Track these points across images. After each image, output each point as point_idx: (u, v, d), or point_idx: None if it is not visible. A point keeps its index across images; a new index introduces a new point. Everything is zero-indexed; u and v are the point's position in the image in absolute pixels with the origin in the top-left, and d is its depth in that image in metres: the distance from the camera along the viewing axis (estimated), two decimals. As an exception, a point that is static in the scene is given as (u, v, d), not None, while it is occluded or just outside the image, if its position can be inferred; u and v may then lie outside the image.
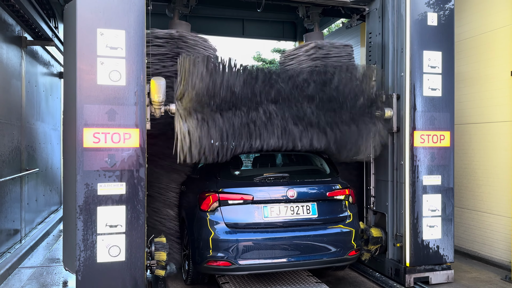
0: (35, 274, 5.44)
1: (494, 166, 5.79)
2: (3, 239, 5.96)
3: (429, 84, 4.86)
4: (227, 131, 4.36)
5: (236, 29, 8.54)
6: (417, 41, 4.83)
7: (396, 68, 5.07)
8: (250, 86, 4.52)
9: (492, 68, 5.81)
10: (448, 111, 4.93)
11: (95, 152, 3.92)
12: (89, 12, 3.91)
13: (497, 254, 5.71)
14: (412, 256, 4.83)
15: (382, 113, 4.99)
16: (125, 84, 3.98)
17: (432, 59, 4.87)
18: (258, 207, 4.44)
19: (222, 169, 4.70)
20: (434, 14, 4.88)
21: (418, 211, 4.83)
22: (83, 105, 3.90)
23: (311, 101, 4.75)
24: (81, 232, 3.90)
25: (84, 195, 3.90)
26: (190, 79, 4.22)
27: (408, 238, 4.83)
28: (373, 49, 5.50)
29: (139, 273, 4.02)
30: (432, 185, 4.88)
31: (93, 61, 3.92)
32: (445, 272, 4.97)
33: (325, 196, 4.66)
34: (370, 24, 5.57)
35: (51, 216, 8.96)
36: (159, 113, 4.28)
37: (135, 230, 4.01)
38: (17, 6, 6.01)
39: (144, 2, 4.03)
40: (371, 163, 5.46)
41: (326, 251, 4.47)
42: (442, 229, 4.92)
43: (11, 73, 6.39)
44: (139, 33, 4.04)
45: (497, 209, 5.73)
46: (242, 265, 4.25)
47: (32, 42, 7.44)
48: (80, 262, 3.89)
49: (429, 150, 4.86)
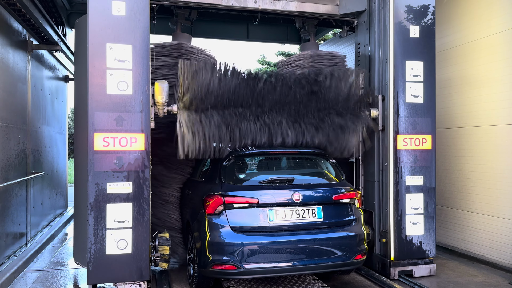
0: (40, 278, 5.56)
1: (501, 169, 5.87)
2: (9, 243, 6.11)
3: (411, 92, 5.42)
4: (221, 130, 4.94)
5: (240, 33, 8.76)
6: (400, 52, 5.39)
7: (381, 76, 5.64)
8: (246, 88, 5.12)
9: (495, 72, 5.98)
10: (430, 116, 5.48)
11: (105, 154, 4.49)
12: (99, 29, 4.49)
13: (505, 258, 5.77)
14: (396, 251, 5.37)
15: (369, 113, 5.56)
16: (132, 93, 4.56)
17: (415, 69, 5.43)
18: (264, 210, 4.52)
19: (227, 173, 4.82)
20: (416, 27, 5.45)
21: (402, 209, 5.38)
22: (94, 112, 4.47)
23: (301, 101, 5.35)
24: (92, 227, 4.46)
25: (95, 194, 4.46)
26: (189, 82, 4.84)
27: (392, 234, 5.37)
28: (361, 59, 6.07)
29: (144, 264, 4.58)
30: (414, 185, 5.43)
31: (103, 72, 4.49)
32: (428, 266, 5.50)
33: (331, 199, 4.74)
34: (358, 36, 6.15)
35: (57, 220, 9.18)
36: (162, 113, 4.86)
37: (141, 225, 4.57)
38: (23, 10, 6.21)
39: (148, 20, 4.62)
40: (360, 164, 6.02)
41: (332, 255, 4.53)
42: (424, 226, 5.46)
43: (17, 77, 6.60)
44: (144, 47, 4.62)
45: (505, 213, 5.81)
46: (247, 269, 4.32)
47: (38, 46, 7.72)
48: (91, 254, 4.46)
49: (411, 153, 5.42)
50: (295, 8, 5.84)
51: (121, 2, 4.52)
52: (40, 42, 7.84)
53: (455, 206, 6.70)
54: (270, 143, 5.17)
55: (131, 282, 4.56)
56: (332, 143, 5.37)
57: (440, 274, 5.55)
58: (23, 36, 7.03)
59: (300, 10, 5.88)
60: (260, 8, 5.69)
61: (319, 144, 5.35)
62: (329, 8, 5.97)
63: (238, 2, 5.61)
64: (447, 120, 6.81)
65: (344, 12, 6.00)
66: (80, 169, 4.99)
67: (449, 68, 6.75)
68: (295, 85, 5.31)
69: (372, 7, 5.80)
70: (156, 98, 4.74)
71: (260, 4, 5.68)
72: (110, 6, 4.50)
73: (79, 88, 5.12)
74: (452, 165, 6.72)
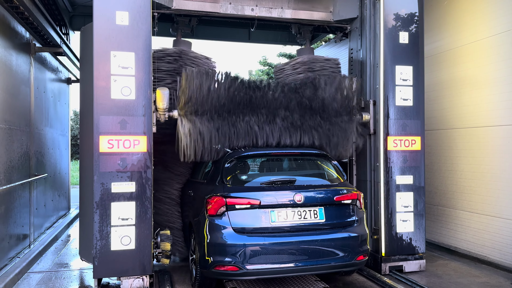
0: (43, 279, 5.62)
1: (503, 170, 5.94)
2: (12, 244, 6.17)
3: (401, 95, 5.76)
4: (219, 133, 5.30)
5: (242, 35, 8.87)
6: (390, 57, 5.73)
7: (373, 81, 5.98)
8: (243, 95, 5.50)
9: (496, 72, 6.08)
10: (419, 119, 5.82)
11: (110, 156, 4.82)
12: (104, 38, 4.83)
13: (507, 258, 5.83)
14: (387, 247, 5.70)
15: (361, 117, 5.91)
16: (135, 98, 4.90)
17: (404, 73, 5.77)
18: (265, 211, 4.58)
19: (229, 174, 4.91)
20: (406, 33, 5.79)
21: (392, 207, 5.71)
22: (99, 116, 4.81)
23: (297, 106, 5.72)
24: (97, 224, 4.79)
25: (100, 193, 4.80)
26: (188, 90, 5.18)
27: (383, 231, 5.70)
28: (354, 63, 6.42)
29: (147, 259, 4.91)
30: (404, 184, 5.76)
31: (108, 79, 4.83)
32: (417, 262, 5.83)
33: (333, 200, 4.79)
34: (351, 41, 6.50)
35: (60, 221, 9.26)
36: (163, 118, 5.20)
37: (143, 222, 4.91)
38: (26, 13, 6.29)
39: (150, 28, 4.96)
40: (353, 165, 6.36)
41: (334, 256, 4.59)
42: (414, 223, 5.78)
43: (20, 80, 6.66)
44: (146, 55, 4.95)
45: (507, 213, 5.87)
46: (249, 270, 4.37)
47: (41, 48, 7.78)
48: (97, 249, 4.79)
49: (401, 153, 5.75)
50: (291, 16, 6.19)
51: (124, 12, 4.86)
52: (43, 45, 7.98)
53: (456, 206, 6.81)
54: (268, 144, 5.49)
55: (134, 276, 4.89)
56: (323, 147, 5.73)
57: (443, 275, 5.66)
58: (26, 39, 7.13)
59: (295, 17, 6.23)
60: (257, 15, 6.04)
61: (315, 145, 5.70)
62: (323, 15, 6.32)
63: (236, 10, 5.95)
64: (448, 121, 6.95)
65: (338, 19, 6.35)
66: (85, 170, 5.34)
67: (450, 69, 6.90)
68: (290, 93, 5.66)
69: (364, 14, 6.15)
70: (157, 104, 5.08)
71: (257, 12, 6.02)
72: (114, 16, 4.84)
73: (84, 93, 5.46)
74: (454, 165, 6.84)
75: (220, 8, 5.89)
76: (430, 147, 7.28)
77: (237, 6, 5.95)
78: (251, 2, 5.98)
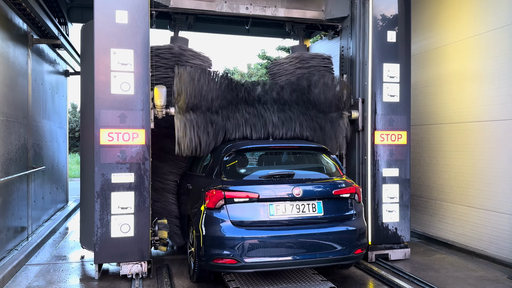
0: (42, 271, 5.66)
1: (500, 164, 6.02)
2: (10, 236, 6.22)
3: (388, 92, 6.11)
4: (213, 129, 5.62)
5: (241, 28, 8.78)
6: (378, 55, 6.07)
7: (361, 78, 6.32)
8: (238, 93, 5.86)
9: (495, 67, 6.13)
10: (405, 114, 6.17)
11: (110, 148, 5.14)
12: (104, 36, 5.13)
13: (504, 253, 5.92)
14: (373, 236, 6.07)
15: (350, 115, 6.26)
16: (134, 93, 5.21)
17: (391, 70, 6.11)
18: (264, 205, 4.64)
19: (227, 167, 4.97)
20: (393, 32, 6.12)
21: (379, 198, 6.07)
22: (100, 110, 5.12)
23: (290, 103, 6.08)
24: (98, 213, 5.12)
25: (101, 183, 5.13)
26: (184, 87, 5.50)
27: (370, 221, 6.07)
28: (344, 61, 6.76)
29: (145, 246, 5.26)
30: (390, 177, 6.12)
31: (108, 75, 5.14)
32: (403, 250, 6.21)
33: (331, 194, 4.86)
34: (342, 39, 6.84)
35: (57, 214, 9.29)
36: (161, 114, 5.52)
37: (142, 211, 5.24)
38: (23, 4, 6.26)
39: (148, 26, 5.26)
40: (343, 158, 6.71)
41: (332, 249, 4.65)
42: (399, 213, 6.15)
43: (18, 72, 6.66)
44: (145, 52, 5.26)
45: (504, 208, 5.96)
46: (247, 263, 4.43)
47: (38, 40, 7.74)
48: (98, 237, 5.12)
49: (388, 147, 6.11)
50: (284, 14, 6.51)
51: (123, 11, 5.16)
52: (41, 36, 7.96)
53: (454, 201, 6.91)
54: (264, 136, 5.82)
55: (133, 262, 5.24)
56: (314, 141, 6.09)
57: (440, 269, 5.75)
58: (24, 30, 7.10)
59: (288, 15, 6.56)
60: (251, 14, 6.35)
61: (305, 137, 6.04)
62: (315, 14, 6.65)
63: (231, 9, 6.26)
64: (446, 116, 7.04)
65: (329, 17, 6.68)
66: (86, 162, 5.67)
67: (447, 64, 7.01)
68: (283, 92, 6.03)
69: (354, 14, 6.48)
70: (155, 101, 5.39)
71: (251, 11, 6.34)
72: (114, 15, 5.14)
73: (85, 87, 5.78)
74: (452, 160, 6.93)
75: (216, 7, 6.19)
76: (428, 142, 7.45)
77: (232, 5, 6.26)
78: (246, 1, 6.30)
